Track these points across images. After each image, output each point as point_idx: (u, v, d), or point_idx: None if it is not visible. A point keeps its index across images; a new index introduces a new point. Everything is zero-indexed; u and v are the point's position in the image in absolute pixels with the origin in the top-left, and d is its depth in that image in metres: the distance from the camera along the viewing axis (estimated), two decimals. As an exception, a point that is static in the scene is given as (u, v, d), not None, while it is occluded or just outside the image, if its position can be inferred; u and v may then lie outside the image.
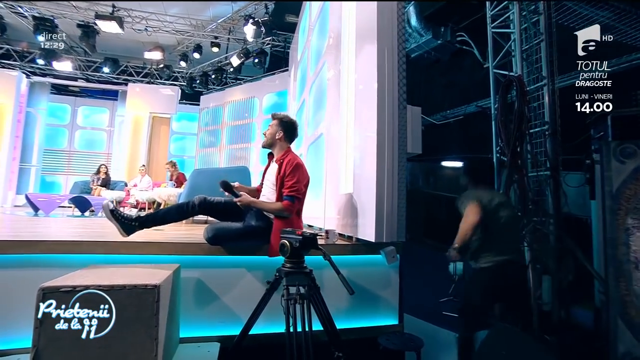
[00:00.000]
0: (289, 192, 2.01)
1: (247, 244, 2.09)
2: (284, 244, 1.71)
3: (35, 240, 1.78)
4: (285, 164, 2.07)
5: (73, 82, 9.37)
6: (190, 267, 1.99)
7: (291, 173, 2.04)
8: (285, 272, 1.72)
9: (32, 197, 5.30)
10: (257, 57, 7.59)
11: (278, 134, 2.18)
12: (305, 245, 1.72)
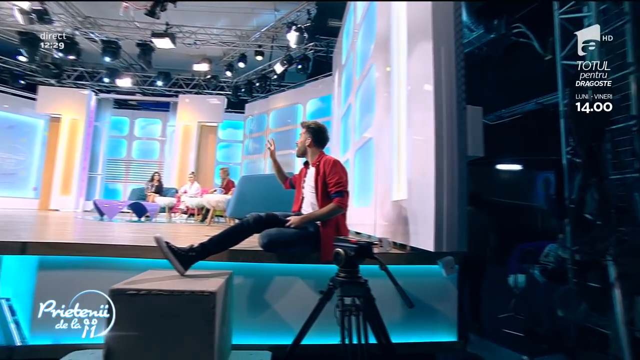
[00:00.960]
0: (335, 188, 2.03)
1: (300, 249, 2.06)
2: (339, 252, 1.64)
3: (103, 244, 1.87)
4: (322, 164, 2.12)
5: (131, 96, 10.19)
6: (242, 274, 1.98)
7: (331, 171, 2.07)
8: (339, 282, 1.65)
9: (99, 203, 5.78)
10: (300, 63, 7.69)
11: (307, 141, 2.24)
12: (360, 254, 1.65)
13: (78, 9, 7.29)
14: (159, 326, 1.37)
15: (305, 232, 2.03)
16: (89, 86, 9.50)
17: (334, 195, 2.04)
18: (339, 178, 2.07)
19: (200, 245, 1.82)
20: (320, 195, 2.08)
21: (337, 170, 2.09)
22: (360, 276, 1.69)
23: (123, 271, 1.88)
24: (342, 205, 2.04)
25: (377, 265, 1.71)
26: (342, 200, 2.04)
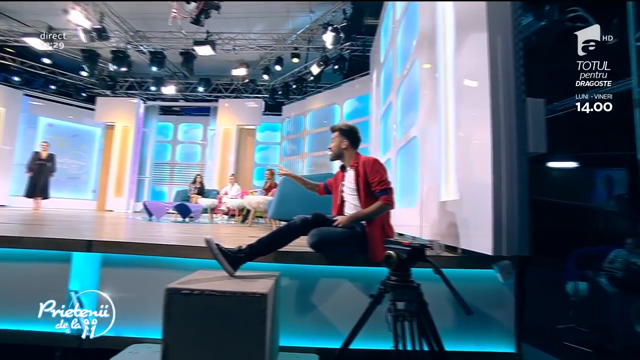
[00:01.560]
0: (380, 187, 2.00)
1: (348, 250, 2.02)
2: (390, 255, 1.58)
3: (157, 244, 1.96)
4: (361, 165, 2.08)
5: (175, 102, 10.75)
6: (289, 275, 1.98)
7: (372, 170, 2.04)
8: (391, 286, 1.59)
9: (148, 204, 6.13)
10: (337, 63, 7.67)
11: (343, 144, 2.20)
12: (413, 257, 1.58)
13: (130, 24, 7.81)
14: (212, 325, 1.40)
15: (353, 232, 2.00)
16: (137, 95, 10.16)
17: (380, 194, 1.99)
18: (381, 176, 2.03)
19: (249, 246, 1.84)
20: (364, 197, 2.04)
21: (378, 169, 2.05)
22: (412, 280, 1.63)
23: (175, 270, 1.96)
24: (389, 202, 1.99)
25: (431, 268, 1.64)
26: (388, 198, 1.99)
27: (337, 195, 2.25)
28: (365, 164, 2.07)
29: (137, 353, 1.78)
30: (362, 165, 2.07)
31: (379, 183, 2.00)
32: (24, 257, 1.96)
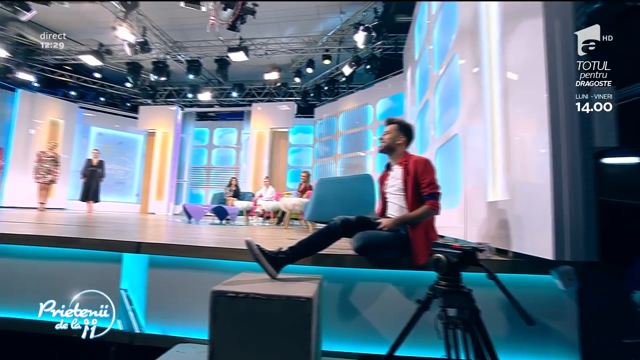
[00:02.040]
0: (429, 190, 1.92)
1: (392, 253, 1.95)
2: (439, 258, 1.50)
3: (199, 246, 2.00)
4: (412, 164, 2.00)
5: (210, 108, 11.14)
6: (328, 278, 1.94)
7: (424, 171, 1.96)
8: (440, 291, 1.51)
9: (188, 207, 6.37)
10: (369, 63, 7.56)
11: (399, 139, 2.13)
12: (464, 261, 1.49)
13: (168, 35, 8.21)
14: (257, 329, 1.39)
15: (397, 235, 1.92)
16: (176, 102, 10.66)
17: (427, 198, 1.91)
18: (432, 178, 1.95)
19: (290, 248, 1.82)
20: (411, 197, 1.95)
21: (430, 170, 1.97)
22: (463, 285, 1.53)
23: (217, 272, 1.98)
24: (435, 208, 1.91)
25: (482, 273, 1.54)
26: (435, 203, 1.92)
27: (381, 195, 2.18)
28: (417, 163, 1.98)
29: (183, 352, 1.81)
30: (412, 163, 1.99)
31: (428, 185, 1.92)
32: (81, 257, 2.08)
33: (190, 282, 2.00)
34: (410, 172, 1.98)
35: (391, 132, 2.11)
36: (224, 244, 2.26)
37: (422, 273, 1.93)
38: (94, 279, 2.05)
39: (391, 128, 2.12)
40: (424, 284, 1.92)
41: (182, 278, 2.02)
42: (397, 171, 2.09)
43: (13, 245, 2.17)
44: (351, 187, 3.19)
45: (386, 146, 2.13)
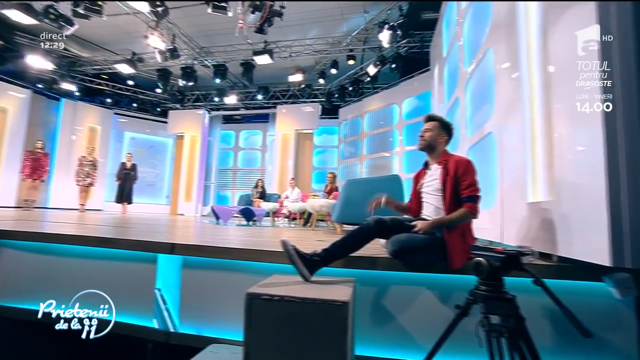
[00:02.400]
0: (469, 192, 1.83)
1: (429, 257, 1.87)
2: (480, 262, 1.43)
3: (232, 247, 2.01)
4: (452, 164, 1.91)
5: (236, 111, 11.37)
6: (360, 281, 1.89)
7: (465, 172, 1.86)
8: (482, 297, 1.43)
9: (216, 208, 6.51)
10: (394, 62, 7.44)
11: (440, 137, 2.04)
12: (506, 265, 1.41)
13: (196, 42, 8.46)
14: (292, 332, 1.37)
15: (434, 238, 1.84)
16: (203, 106, 10.96)
17: (466, 200, 1.82)
18: (472, 180, 1.85)
19: (324, 251, 1.78)
20: (449, 199, 1.87)
21: (471, 171, 1.87)
22: (506, 291, 1.45)
23: (248, 274, 1.99)
24: (474, 211, 1.82)
25: (527, 278, 1.45)
26: (474, 206, 1.82)
27: (417, 195, 2.11)
28: (458, 163, 1.89)
29: (217, 353, 1.83)
30: (453, 163, 1.90)
31: (468, 187, 1.83)
32: (118, 257, 2.15)
33: (222, 283, 2.02)
34: (450, 172, 1.89)
35: (432, 130, 2.02)
36: (254, 246, 2.26)
37: (458, 277, 1.85)
38: (130, 278, 2.11)
39: (432, 125, 2.03)
40: (460, 288, 1.85)
41: (214, 279, 2.04)
42: (435, 170, 2.01)
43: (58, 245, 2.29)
44: (379, 187, 3.11)
45: (427, 144, 2.03)
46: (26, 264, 2.36)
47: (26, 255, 2.36)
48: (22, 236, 2.34)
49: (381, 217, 1.91)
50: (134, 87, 10.64)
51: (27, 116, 8.80)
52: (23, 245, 2.36)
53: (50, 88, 9.45)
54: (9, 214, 5.19)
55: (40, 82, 9.27)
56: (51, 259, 2.29)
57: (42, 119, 9.47)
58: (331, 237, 3.63)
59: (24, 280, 2.33)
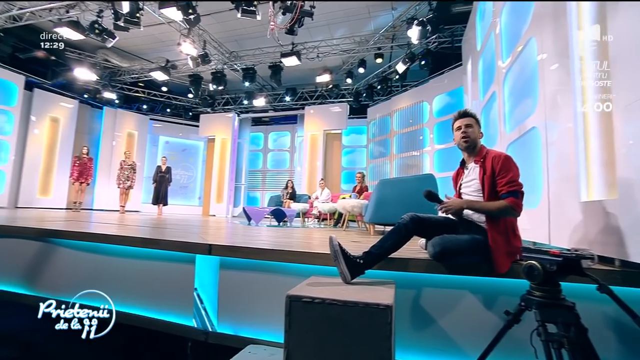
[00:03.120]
0: (508, 188, 1.71)
1: (472, 259, 1.77)
2: (534, 266, 1.33)
3: (267, 248, 2.01)
4: (490, 161, 1.81)
5: (265, 113, 11.54)
6: (402, 284, 1.83)
7: (504, 167, 1.75)
8: (536, 303, 1.33)
9: (248, 209, 6.62)
10: (424, 58, 7.23)
11: (480, 133, 1.96)
12: (564, 269, 1.30)
13: (226, 47, 8.68)
14: (334, 336, 1.33)
15: (477, 240, 1.75)
16: (232, 109, 11.23)
17: (506, 195, 1.71)
18: (513, 175, 1.74)
19: (365, 254, 1.73)
20: (488, 198, 1.78)
21: (510, 167, 1.76)
22: (564, 297, 1.34)
23: (285, 275, 1.98)
24: (516, 206, 1.70)
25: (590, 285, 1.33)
26: (516, 202, 1.70)
27: (456, 195, 2.03)
28: (495, 159, 1.79)
29: (255, 354, 1.83)
30: (490, 160, 1.80)
31: (507, 183, 1.72)
32: (159, 257, 2.22)
33: (259, 284, 2.03)
34: (488, 170, 1.79)
35: (473, 126, 1.91)
36: (286, 247, 2.25)
37: (504, 281, 1.74)
38: (170, 278, 2.18)
39: (472, 121, 1.92)
40: (507, 292, 1.74)
41: (251, 280, 2.05)
42: (473, 170, 1.91)
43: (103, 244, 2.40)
44: (413, 187, 3.02)
45: (472, 142, 1.90)
46: (76, 261, 2.50)
47: (76, 254, 2.50)
48: (73, 236, 2.49)
49: (416, 213, 1.84)
50: (167, 93, 11.10)
51: (75, 124, 9.46)
52: (74, 245, 2.51)
53: (94, 97, 10.11)
54: (61, 214, 5.57)
55: (85, 93, 9.92)
56: (98, 258, 2.41)
57: (88, 127, 10.14)
58: (365, 238, 3.58)
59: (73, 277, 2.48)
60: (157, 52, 9.08)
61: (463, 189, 1.96)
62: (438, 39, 7.35)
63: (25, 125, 8.52)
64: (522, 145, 3.15)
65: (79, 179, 7.66)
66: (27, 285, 2.60)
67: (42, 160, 8.83)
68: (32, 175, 8.60)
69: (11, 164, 8.03)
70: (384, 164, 8.89)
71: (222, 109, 11.42)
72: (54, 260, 2.58)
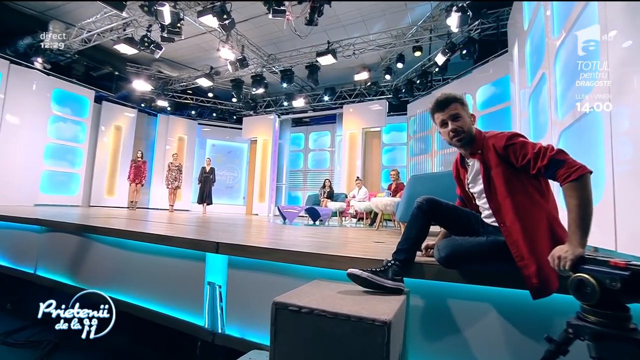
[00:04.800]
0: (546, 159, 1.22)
1: (494, 267, 1.44)
2: (585, 280, 0.99)
3: (272, 248, 1.92)
4: (490, 149, 1.39)
5: (304, 114, 11.59)
6: (417, 292, 1.61)
7: (512, 143, 1.33)
8: (593, 333, 0.98)
9: (282, 208, 6.66)
10: (465, 47, 6.68)
11: (472, 119, 1.51)
12: (635, 287, 0.92)
13: (263, 50, 8.85)
14: (323, 353, 1.18)
15: (497, 244, 1.40)
16: (273, 111, 11.44)
17: (551, 169, 1.22)
18: (534, 144, 1.30)
19: (395, 254, 1.53)
20: (507, 197, 1.35)
21: (518, 137, 1.35)
22: (635, 327, 0.97)
23: (293, 277, 1.86)
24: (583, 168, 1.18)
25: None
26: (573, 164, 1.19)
27: (468, 196, 1.67)
28: (494, 140, 1.38)
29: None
30: (490, 148, 1.39)
31: (537, 155, 1.25)
32: (173, 254, 2.25)
33: (266, 285, 1.94)
34: (492, 160, 1.38)
35: (462, 114, 1.47)
36: (309, 247, 2.14)
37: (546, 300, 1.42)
38: (182, 275, 2.18)
39: (459, 108, 1.48)
40: (548, 311, 1.43)
41: (258, 281, 1.98)
42: (474, 167, 1.52)
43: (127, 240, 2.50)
44: (446, 182, 2.73)
45: (467, 136, 1.47)
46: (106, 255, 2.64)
47: (106, 248, 2.64)
48: (102, 232, 2.64)
49: (434, 197, 1.59)
50: (213, 99, 11.66)
51: (134, 131, 10.37)
52: (103, 240, 2.66)
53: (150, 106, 10.98)
54: (116, 212, 6.08)
55: (142, 102, 10.80)
56: (122, 253, 2.52)
57: (144, 133, 11.05)
58: (391, 238, 3.33)
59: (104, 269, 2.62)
60: (203, 60, 9.57)
61: (471, 190, 1.60)
62: (481, 26, 6.75)
63: (95, 133, 9.58)
64: (577, 132, 2.72)
65: (135, 180, 8.33)
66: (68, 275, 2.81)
67: (108, 164, 9.83)
68: (101, 178, 9.63)
69: (84, 168, 9.00)
70: (425, 161, 8.40)
71: (264, 111, 11.70)
72: (89, 254, 2.75)
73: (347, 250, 2.08)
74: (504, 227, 1.36)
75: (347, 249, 2.11)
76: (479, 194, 1.54)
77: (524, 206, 1.33)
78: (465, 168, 1.62)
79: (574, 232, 1.14)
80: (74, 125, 8.83)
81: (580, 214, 1.14)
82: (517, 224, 1.32)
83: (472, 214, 1.63)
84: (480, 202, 1.55)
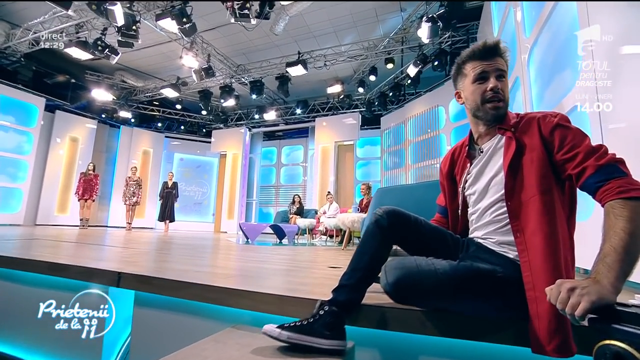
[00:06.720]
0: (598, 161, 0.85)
1: (471, 306, 1.03)
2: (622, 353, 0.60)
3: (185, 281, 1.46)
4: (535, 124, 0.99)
5: (276, 127, 11.26)
6: (369, 345, 1.19)
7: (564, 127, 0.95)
8: None
9: (243, 225, 6.15)
10: (437, 59, 6.61)
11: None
12: None
13: (232, 60, 8.52)
14: None
15: (476, 272, 0.99)
16: (244, 124, 11.04)
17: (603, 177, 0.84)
18: (589, 139, 0.92)
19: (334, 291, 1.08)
20: (536, 199, 0.94)
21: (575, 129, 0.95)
22: None
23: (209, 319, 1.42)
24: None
25: None
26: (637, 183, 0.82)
27: (454, 202, 1.25)
28: (542, 118, 0.99)
29: None
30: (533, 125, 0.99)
31: (591, 153, 0.88)
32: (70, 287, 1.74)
33: (178, 329, 1.49)
34: (530, 141, 0.98)
35: (506, 78, 1.09)
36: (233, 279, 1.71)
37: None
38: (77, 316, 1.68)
39: (505, 67, 1.07)
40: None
41: (169, 323, 1.51)
42: (496, 150, 1.08)
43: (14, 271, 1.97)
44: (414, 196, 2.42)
45: (506, 106, 1.07)
46: None
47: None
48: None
49: (399, 209, 1.13)
50: (182, 111, 11.13)
51: (92, 143, 9.63)
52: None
53: (112, 117, 10.30)
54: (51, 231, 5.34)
55: (103, 113, 10.13)
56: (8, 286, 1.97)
57: (106, 146, 10.32)
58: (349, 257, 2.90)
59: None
60: (170, 70, 9.12)
61: (472, 188, 1.15)
62: (452, 38, 6.74)
63: (46, 145, 8.76)
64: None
65: (84, 196, 7.54)
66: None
67: (61, 178, 8.99)
68: (51, 194, 8.76)
69: (29, 182, 8.13)
70: (399, 174, 8.21)
71: (235, 124, 11.28)
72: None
73: (285, 281, 1.67)
74: (520, 237, 0.96)
75: (282, 281, 1.70)
76: (479, 195, 1.11)
77: (553, 213, 0.92)
78: (470, 159, 1.18)
79: (608, 267, 0.75)
80: (17, 135, 8.03)
81: (628, 242, 0.76)
82: (540, 236, 0.92)
83: (451, 235, 1.21)
84: (476, 208, 1.13)
